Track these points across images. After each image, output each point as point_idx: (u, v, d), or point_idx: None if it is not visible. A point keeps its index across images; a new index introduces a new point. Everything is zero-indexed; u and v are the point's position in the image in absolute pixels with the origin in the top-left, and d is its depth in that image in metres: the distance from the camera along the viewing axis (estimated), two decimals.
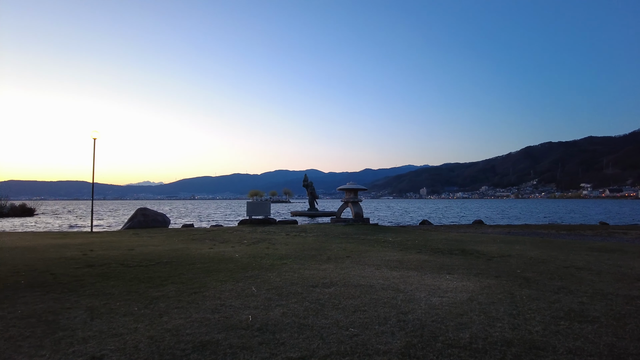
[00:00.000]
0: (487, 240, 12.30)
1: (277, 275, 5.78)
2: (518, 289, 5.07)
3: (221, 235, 13.13)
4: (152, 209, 19.12)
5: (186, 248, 9.45)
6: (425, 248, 9.95)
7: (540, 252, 9.02)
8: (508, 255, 8.60)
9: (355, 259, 7.70)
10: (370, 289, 4.94)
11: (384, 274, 6.03)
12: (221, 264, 6.95)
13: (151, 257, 7.85)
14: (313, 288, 4.93)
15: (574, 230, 20.47)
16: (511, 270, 6.48)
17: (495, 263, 7.33)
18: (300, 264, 6.91)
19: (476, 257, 8.33)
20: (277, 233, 13.78)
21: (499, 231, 20.18)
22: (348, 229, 15.65)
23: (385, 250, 9.36)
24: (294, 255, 8.19)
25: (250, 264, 6.89)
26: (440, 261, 7.48)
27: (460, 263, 7.27)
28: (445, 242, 11.70)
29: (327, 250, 9.01)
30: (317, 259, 7.67)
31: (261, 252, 8.59)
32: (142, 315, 3.83)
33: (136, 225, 17.66)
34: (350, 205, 19.60)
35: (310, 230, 15.00)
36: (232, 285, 5.11)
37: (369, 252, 8.79)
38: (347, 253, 8.61)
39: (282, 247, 9.54)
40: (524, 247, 10.12)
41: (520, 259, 7.98)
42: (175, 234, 13.90)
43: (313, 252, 8.77)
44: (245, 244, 10.36)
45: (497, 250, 9.60)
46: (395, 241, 11.64)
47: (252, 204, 18.03)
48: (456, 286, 5.18)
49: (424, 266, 6.83)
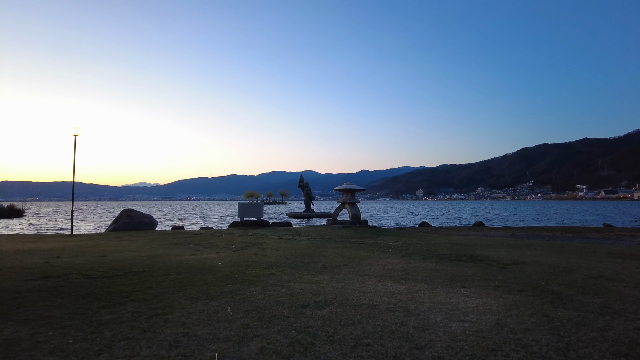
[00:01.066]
0: (493, 244, 11.44)
1: (261, 291, 4.86)
2: (552, 308, 4.18)
3: (208, 239, 12.18)
4: (138, 210, 18.12)
5: (165, 254, 8.50)
6: (430, 254, 9.07)
7: (557, 259, 8.16)
8: (522, 262, 7.74)
9: (353, 267, 6.79)
10: (373, 309, 4.03)
11: (388, 288, 5.12)
12: (199, 274, 6.01)
13: (122, 265, 6.90)
14: (303, 309, 4.01)
15: (579, 232, 19.70)
16: (533, 282, 5.60)
17: (512, 272, 6.45)
18: (291, 275, 5.99)
19: (488, 264, 7.45)
20: (268, 236, 12.85)
21: (502, 234, 19.38)
22: (345, 231, 14.75)
23: (387, 256, 8.47)
24: (285, 263, 7.27)
25: (232, 275, 5.96)
26: (449, 270, 6.58)
27: (472, 272, 6.38)
28: (450, 246, 10.82)
29: (322, 257, 8.09)
30: (310, 267, 6.75)
31: (248, 260, 7.66)
32: (73, 352, 2.89)
33: (120, 227, 16.66)
34: (347, 207, 18.71)
35: (304, 233, 14.09)
36: (203, 305, 4.18)
37: (368, 259, 7.89)
38: (344, 260, 7.70)
39: (272, 254, 8.61)
40: (536, 253, 9.26)
41: (538, 266, 7.11)
42: (160, 237, 12.93)
43: (306, 259, 7.85)
44: (232, 250, 9.43)
45: (508, 256, 8.73)
46: (396, 245, 10.75)
47: (243, 205, 17.07)
48: (476, 304, 4.29)
49: (433, 277, 5.93)
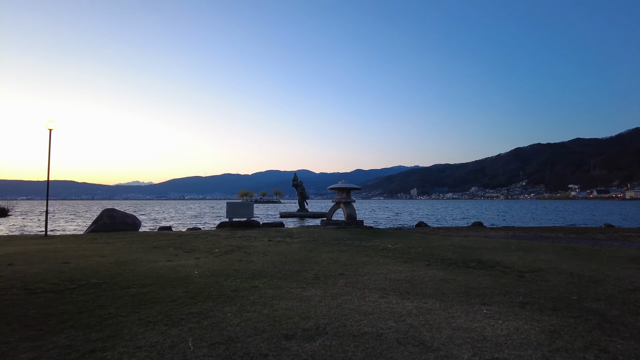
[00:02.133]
0: (500, 247, 10.61)
1: (237, 312, 3.92)
2: (605, 337, 3.29)
3: (191, 241, 11.20)
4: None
5: (138, 260, 7.52)
6: (434, 259, 8.20)
7: (576, 265, 7.32)
8: (539, 269, 6.89)
9: (350, 277, 5.88)
10: (378, 342, 3.10)
11: (393, 306, 4.21)
12: (167, 287, 5.06)
13: (82, 274, 5.92)
14: (287, 342, 3.07)
15: (582, 233, 19.01)
16: (563, 297, 4.74)
17: (533, 283, 5.58)
18: (276, 288, 5.06)
19: (502, 272, 6.60)
20: (257, 239, 11.90)
21: (503, 234, 18.63)
22: (340, 233, 13.84)
23: (387, 262, 7.57)
24: (271, 272, 6.33)
25: (206, 289, 5.01)
26: (461, 281, 5.70)
27: (488, 283, 5.50)
28: (454, 249, 9.97)
29: (315, 264, 7.17)
30: (300, 277, 5.83)
31: (230, 267, 6.71)
32: None
33: (101, 228, 15.60)
34: (342, 207, 17.81)
35: (297, 234, 13.15)
36: (159, 335, 3.23)
37: (367, 266, 6.98)
38: (340, 267, 6.78)
39: (259, 260, 7.66)
40: (550, 257, 8.43)
41: (559, 275, 6.26)
42: (140, 239, 11.92)
43: (296, 266, 6.92)
44: (215, 255, 8.47)
45: (521, 261, 7.89)
46: (395, 249, 9.87)
47: (232, 205, 16.07)
48: (507, 331, 3.39)
49: (445, 290, 5.03)
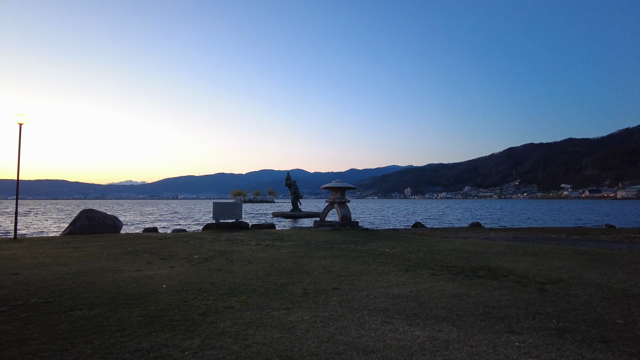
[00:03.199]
0: (506, 251, 9.81)
1: (196, 351, 2.98)
2: None
3: (171, 245, 10.24)
4: (99, 210, 15.99)
5: (102, 270, 6.56)
6: (438, 265, 7.35)
7: (598, 274, 6.51)
8: (559, 279, 6.06)
9: (345, 292, 4.98)
10: None
11: (401, 337, 3.32)
12: (121, 309, 4.12)
13: (24, 291, 4.95)
14: None
15: (585, 234, 18.35)
16: (604, 319, 3.89)
17: (560, 299, 4.73)
18: (255, 310, 4.14)
19: (518, 283, 5.76)
20: (244, 242, 10.97)
21: (503, 236, 17.88)
22: (334, 235, 12.96)
23: (386, 270, 6.70)
24: (253, 285, 5.41)
25: (169, 310, 4.09)
26: (475, 295, 4.84)
27: (508, 299, 4.64)
28: (457, 254, 9.14)
29: (305, 274, 6.26)
30: (286, 293, 4.92)
31: (205, 280, 5.78)
32: None
33: (78, 230, 14.55)
34: (337, 207, 16.93)
35: (287, 237, 12.24)
36: None
37: (364, 277, 6.09)
38: (334, 279, 5.88)
39: (241, 269, 6.74)
40: (565, 264, 7.62)
41: (585, 287, 5.43)
42: (116, 243, 10.93)
43: (283, 277, 6.01)
44: (193, 262, 7.53)
45: (534, 268, 7.07)
46: (394, 253, 9.01)
47: (219, 205, 15.08)
48: None
49: (459, 310, 4.16)
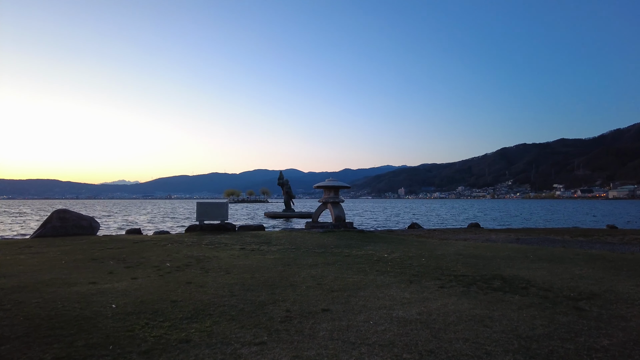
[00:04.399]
0: (515, 256, 8.89)
1: None
2: None
3: (145, 250, 9.15)
4: (72, 211, 14.80)
5: (48, 282, 5.48)
6: (445, 275, 6.40)
7: (634, 286, 5.58)
8: (591, 293, 5.12)
9: (339, 316, 3.97)
10: None
11: None
12: (36, 346, 3.06)
13: None
14: None
15: (590, 235, 17.55)
16: None
17: (610, 325, 3.76)
18: (218, 345, 3.10)
19: (543, 297, 4.83)
20: (227, 246, 9.91)
21: (505, 238, 17.02)
22: (327, 238, 11.96)
23: (387, 282, 5.71)
24: (225, 304, 4.37)
25: (102, 347, 3.04)
26: (501, 319, 3.86)
27: (544, 326, 3.67)
28: (463, 260, 8.20)
29: (290, 288, 5.24)
30: (263, 317, 3.89)
31: (168, 296, 4.74)
32: None
33: (49, 232, 13.38)
34: (330, 207, 15.93)
35: (276, 240, 11.21)
36: None
37: (361, 292, 5.09)
38: (324, 296, 4.85)
39: (215, 281, 5.69)
40: (588, 272, 6.69)
41: (630, 306, 4.48)
42: (85, 247, 9.81)
43: (264, 292, 4.98)
44: (163, 271, 6.47)
45: (555, 278, 6.14)
46: (394, 259, 8.03)
47: (203, 205, 13.96)
48: None
49: (487, 343, 3.17)
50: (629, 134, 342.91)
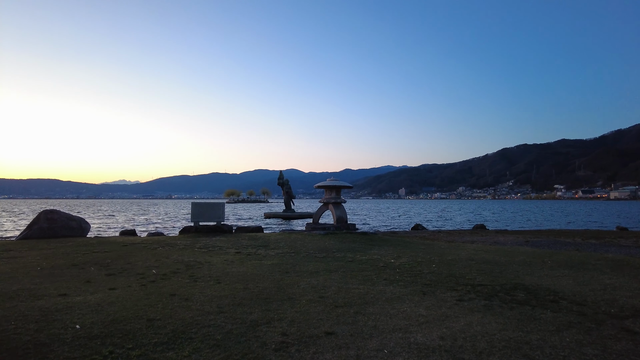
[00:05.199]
0: (532, 262, 8.22)
1: None
2: None
3: (132, 254, 8.48)
4: (61, 211, 14.13)
5: (12, 294, 4.81)
6: (460, 284, 5.73)
7: None
8: (636, 310, 4.45)
9: (346, 343, 3.27)
10: None
11: None
12: None
13: None
14: None
15: (601, 238, 16.85)
16: None
17: None
18: None
19: (582, 315, 4.16)
20: (222, 250, 9.23)
21: (513, 240, 16.33)
22: (328, 240, 11.29)
23: (398, 293, 5.04)
24: (208, 326, 3.69)
25: None
26: (542, 345, 3.18)
27: (599, 357, 3.01)
28: (477, 266, 7.53)
29: (287, 303, 4.56)
30: (253, 344, 3.20)
31: (144, 313, 4.06)
32: None
33: (35, 234, 12.72)
34: (331, 207, 15.26)
35: (274, 243, 10.53)
36: None
37: (369, 308, 4.41)
38: (327, 314, 4.17)
39: (203, 293, 5.00)
40: (621, 282, 6.02)
41: None
42: (69, 251, 9.14)
43: (256, 309, 4.30)
44: (146, 280, 5.80)
45: (585, 289, 5.47)
46: (402, 266, 7.36)
47: (198, 206, 13.29)
48: None
49: None
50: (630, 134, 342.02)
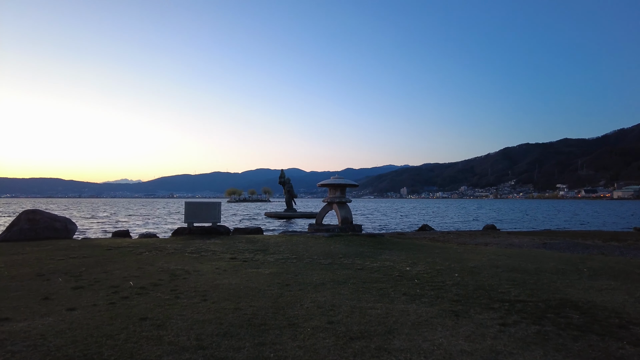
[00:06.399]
0: (566, 269, 7.23)
1: None
2: None
3: (112, 261, 7.48)
4: (45, 211, 13.14)
5: None
6: (495, 300, 4.76)
7: None
8: None
9: None
10: None
11: None
12: None
13: None
14: None
15: (622, 240, 15.83)
16: None
17: None
18: None
19: None
20: (215, 255, 8.23)
21: (529, 242, 15.33)
22: (333, 244, 10.28)
23: (425, 316, 4.03)
24: None
25: None
26: None
27: None
28: (505, 275, 6.55)
29: (288, 331, 3.54)
30: None
31: (98, 349, 3.04)
32: None
33: (14, 236, 11.74)
34: (336, 207, 14.27)
35: (274, 247, 9.53)
36: None
37: (394, 341, 3.37)
38: (340, 350, 3.12)
39: (182, 315, 3.99)
40: None
41: None
42: (43, 255, 8.14)
43: (247, 342, 3.27)
44: (119, 296, 4.81)
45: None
46: (420, 275, 6.36)
47: (192, 206, 12.27)
48: None
49: None
50: (633, 133, 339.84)
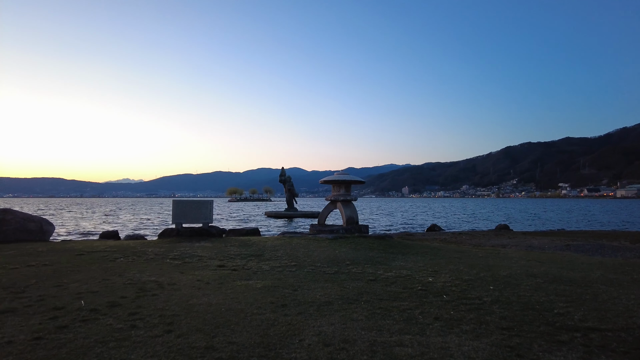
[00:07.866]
0: (619, 279, 6.04)
1: None
2: None
3: (76, 269, 6.23)
4: (18, 210, 11.88)
5: None
6: (557, 327, 3.52)
7: None
8: None
9: None
10: None
11: None
12: None
13: None
14: None
15: None
16: None
17: None
18: None
19: None
20: (200, 262, 6.97)
21: (549, 243, 14.07)
22: (339, 248, 9.03)
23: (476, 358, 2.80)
24: None
25: None
26: None
27: None
28: (549, 287, 5.32)
29: None
30: None
31: None
32: None
33: None
34: (340, 207, 13.03)
35: (270, 252, 8.28)
36: None
37: None
38: None
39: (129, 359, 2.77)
40: None
41: None
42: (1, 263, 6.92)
43: None
44: (58, 321, 3.57)
45: None
46: (447, 289, 5.11)
47: (180, 204, 11.01)
48: None
49: None
50: (636, 132, 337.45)
